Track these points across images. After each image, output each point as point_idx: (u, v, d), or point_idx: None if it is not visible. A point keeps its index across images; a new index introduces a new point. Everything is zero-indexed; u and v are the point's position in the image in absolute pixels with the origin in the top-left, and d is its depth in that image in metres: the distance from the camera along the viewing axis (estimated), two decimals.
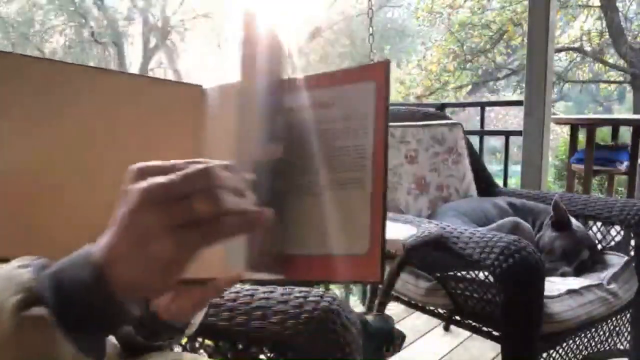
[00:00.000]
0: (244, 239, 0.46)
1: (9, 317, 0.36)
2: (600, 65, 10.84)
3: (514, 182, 3.82)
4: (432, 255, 1.54)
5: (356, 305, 2.87)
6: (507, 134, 3.04)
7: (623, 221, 1.64)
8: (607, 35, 10.00)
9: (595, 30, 10.35)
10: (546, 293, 1.31)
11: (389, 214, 1.60)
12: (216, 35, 13.04)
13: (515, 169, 3.18)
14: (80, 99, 0.54)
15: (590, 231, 1.73)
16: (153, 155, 0.41)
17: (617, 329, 1.63)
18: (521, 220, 1.62)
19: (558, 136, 8.90)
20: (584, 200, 1.80)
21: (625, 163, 3.18)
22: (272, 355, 0.83)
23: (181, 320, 0.63)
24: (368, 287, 1.80)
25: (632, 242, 1.64)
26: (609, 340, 1.61)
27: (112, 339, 0.62)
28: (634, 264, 1.61)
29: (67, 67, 0.56)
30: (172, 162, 0.40)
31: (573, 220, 1.63)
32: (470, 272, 1.45)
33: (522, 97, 2.64)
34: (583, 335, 1.52)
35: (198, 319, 0.68)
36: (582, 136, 3.36)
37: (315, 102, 0.53)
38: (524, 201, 1.84)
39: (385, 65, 0.49)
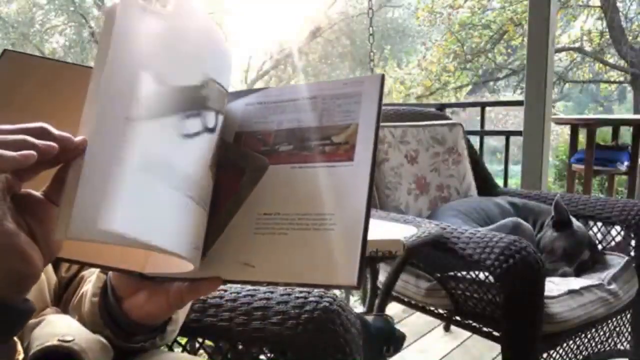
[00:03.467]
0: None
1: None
2: (601, 65, 10.83)
3: (514, 182, 3.82)
4: (432, 255, 1.54)
5: (356, 305, 2.87)
6: (507, 134, 3.04)
7: (623, 221, 1.64)
8: (607, 36, 9.99)
9: (595, 30, 10.34)
10: (546, 293, 1.31)
11: (389, 214, 1.60)
12: None
13: (516, 169, 3.18)
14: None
15: (590, 231, 1.73)
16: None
17: (618, 329, 1.63)
18: (521, 221, 1.62)
19: (558, 136, 8.91)
20: (585, 200, 1.80)
21: (626, 163, 3.18)
22: (272, 355, 0.83)
23: (157, 320, 0.62)
24: (368, 287, 1.79)
25: (633, 242, 1.64)
26: (609, 340, 1.61)
27: (102, 338, 0.61)
28: (634, 264, 1.61)
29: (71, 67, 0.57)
30: None
31: (574, 220, 1.63)
32: (471, 273, 1.45)
33: (522, 97, 2.64)
34: (583, 335, 1.52)
35: (182, 317, 0.67)
36: (582, 136, 3.36)
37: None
38: (525, 201, 1.84)
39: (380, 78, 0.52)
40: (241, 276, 0.50)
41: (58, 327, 0.60)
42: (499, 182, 2.29)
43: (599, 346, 1.58)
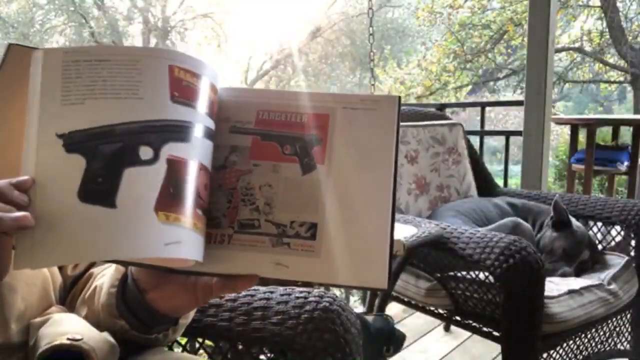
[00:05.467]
0: None
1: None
2: (601, 65, 10.82)
3: (514, 182, 3.82)
4: (432, 255, 1.54)
5: (356, 305, 2.87)
6: (507, 134, 3.04)
7: (623, 221, 1.64)
8: (607, 35, 9.98)
9: (595, 30, 10.33)
10: (546, 293, 1.31)
11: None
12: (216, 35, 13.05)
13: (516, 169, 3.18)
14: None
15: (590, 231, 1.73)
16: None
17: (618, 329, 1.63)
18: (521, 221, 1.62)
19: (558, 136, 8.90)
20: (584, 200, 1.80)
21: (626, 163, 3.18)
22: (272, 355, 0.83)
23: (183, 312, 0.64)
24: None
25: (633, 242, 1.64)
26: (609, 340, 1.61)
27: (109, 337, 0.62)
28: (634, 264, 1.61)
29: None
30: None
31: (573, 220, 1.63)
32: (471, 273, 1.45)
33: (522, 97, 2.64)
34: (583, 335, 1.52)
35: (192, 312, 0.69)
36: (582, 136, 3.36)
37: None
38: (525, 201, 1.84)
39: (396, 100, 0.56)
40: (275, 275, 0.52)
41: (65, 326, 0.61)
42: (499, 182, 2.29)
43: (599, 346, 1.58)
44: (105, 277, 0.66)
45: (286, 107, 0.57)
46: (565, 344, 1.47)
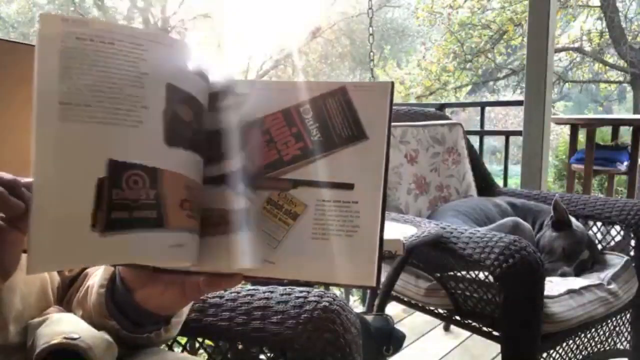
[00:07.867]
0: None
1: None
2: (600, 65, 10.83)
3: (514, 182, 3.82)
4: (432, 255, 1.54)
5: (356, 305, 2.87)
6: (507, 134, 3.04)
7: (623, 221, 1.64)
8: (607, 35, 10.00)
9: (595, 30, 10.35)
10: (546, 293, 1.31)
11: (390, 214, 1.60)
12: (216, 35, 13.04)
13: (516, 169, 3.18)
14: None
15: (590, 231, 1.73)
16: None
17: (617, 329, 1.63)
18: (521, 220, 1.62)
19: (558, 136, 8.90)
20: (584, 200, 1.80)
21: (625, 163, 3.18)
22: (272, 355, 0.83)
23: (174, 310, 0.63)
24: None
25: (632, 242, 1.64)
26: (609, 340, 1.61)
27: (106, 336, 0.62)
28: (634, 264, 1.61)
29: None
30: None
31: (573, 220, 1.63)
32: (471, 272, 1.45)
33: (522, 97, 2.64)
34: (583, 335, 1.52)
35: (186, 310, 0.69)
36: (582, 136, 3.36)
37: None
38: (524, 201, 1.84)
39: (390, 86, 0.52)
40: (261, 272, 0.51)
41: (63, 325, 0.61)
42: (499, 182, 2.29)
43: (598, 346, 1.58)
44: (96, 277, 0.66)
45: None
46: (565, 344, 1.47)
